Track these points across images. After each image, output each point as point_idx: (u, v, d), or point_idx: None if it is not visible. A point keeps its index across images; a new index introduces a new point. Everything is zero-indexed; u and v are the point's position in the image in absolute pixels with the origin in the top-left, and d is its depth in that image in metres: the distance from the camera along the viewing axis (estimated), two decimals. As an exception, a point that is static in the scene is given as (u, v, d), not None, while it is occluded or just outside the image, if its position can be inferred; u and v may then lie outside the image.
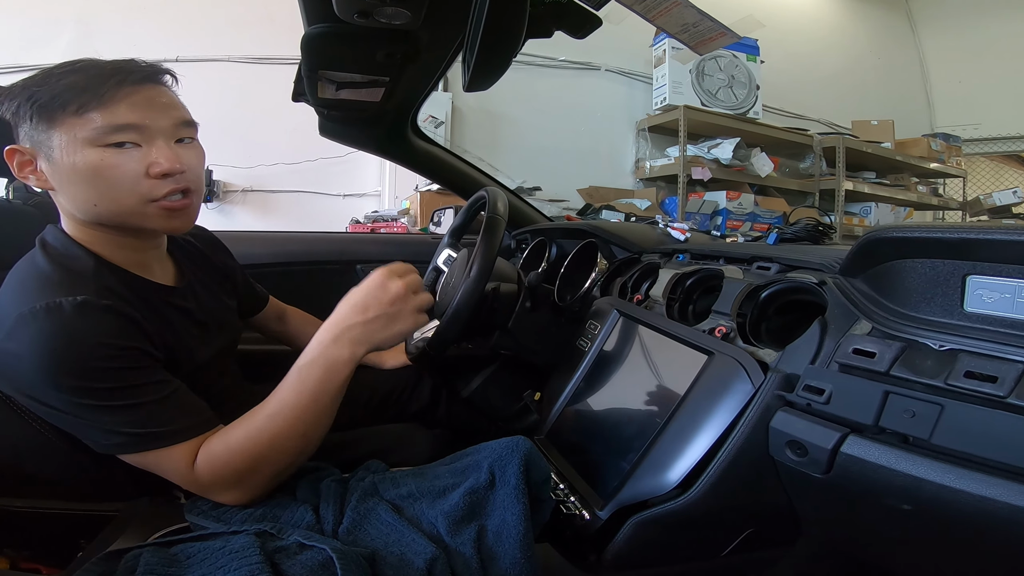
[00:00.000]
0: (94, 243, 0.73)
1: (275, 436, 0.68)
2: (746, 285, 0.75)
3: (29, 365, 0.61)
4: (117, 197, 0.69)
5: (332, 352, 0.72)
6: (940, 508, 0.49)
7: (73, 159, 0.66)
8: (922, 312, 0.56)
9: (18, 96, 0.67)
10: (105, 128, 0.66)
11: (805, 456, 0.56)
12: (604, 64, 3.54)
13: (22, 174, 0.69)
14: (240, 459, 0.67)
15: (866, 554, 0.69)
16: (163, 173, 0.69)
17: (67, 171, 0.67)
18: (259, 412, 0.70)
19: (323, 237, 1.77)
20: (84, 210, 0.70)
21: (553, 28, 0.85)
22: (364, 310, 0.74)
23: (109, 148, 0.67)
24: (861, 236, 0.61)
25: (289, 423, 0.69)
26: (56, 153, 0.67)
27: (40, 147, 0.67)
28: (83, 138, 0.66)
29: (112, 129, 0.66)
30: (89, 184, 0.68)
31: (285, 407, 0.69)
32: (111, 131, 0.67)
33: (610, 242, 1.18)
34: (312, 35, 0.86)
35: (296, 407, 0.69)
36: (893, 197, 4.13)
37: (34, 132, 0.67)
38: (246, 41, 2.87)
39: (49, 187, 0.70)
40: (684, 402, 0.70)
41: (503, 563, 0.63)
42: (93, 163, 0.66)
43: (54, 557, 0.78)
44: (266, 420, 0.69)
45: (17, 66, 2.47)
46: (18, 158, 0.69)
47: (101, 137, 0.66)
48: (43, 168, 0.69)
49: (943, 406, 0.49)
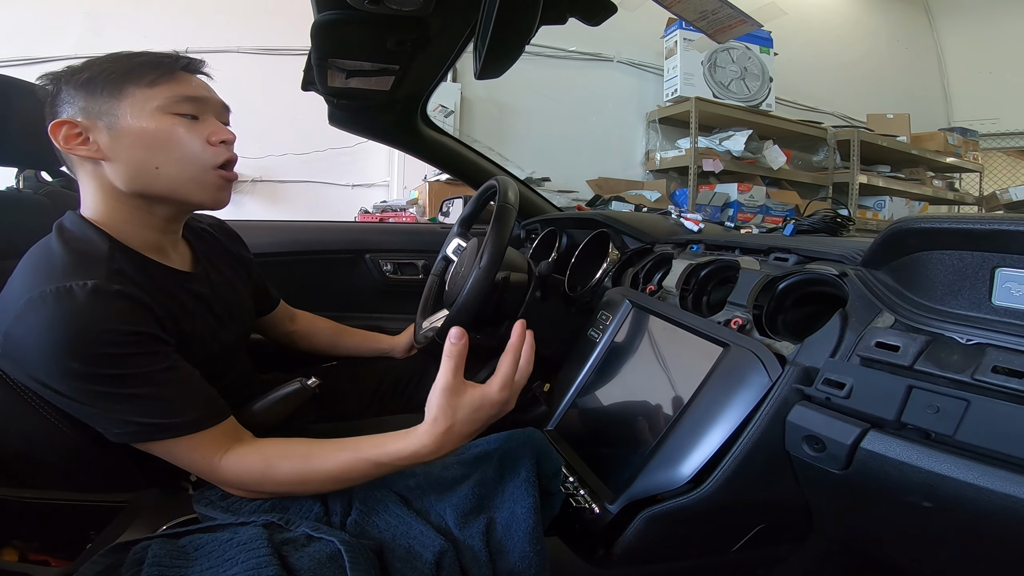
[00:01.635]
0: (116, 222, 0.73)
1: (319, 489, 0.68)
2: (763, 276, 0.74)
3: (38, 350, 0.61)
4: (182, 161, 0.73)
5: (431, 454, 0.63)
6: (962, 506, 0.48)
7: (143, 125, 0.70)
8: (948, 305, 0.54)
9: (86, 70, 0.70)
10: (176, 97, 0.72)
11: (823, 451, 0.55)
12: (615, 55, 3.51)
13: (68, 146, 0.70)
14: (272, 485, 0.67)
15: (879, 551, 0.68)
16: (222, 140, 0.75)
17: (134, 136, 0.70)
18: (314, 463, 0.66)
19: (332, 226, 1.77)
20: (140, 175, 0.72)
21: (567, 14, 0.83)
22: (480, 424, 0.64)
23: (176, 117, 0.72)
24: (886, 227, 0.59)
25: (338, 487, 0.68)
26: (122, 121, 0.70)
27: (102, 117, 0.70)
28: (155, 106, 0.71)
29: (181, 99, 0.73)
30: (156, 148, 0.71)
31: (344, 479, 0.66)
32: (181, 100, 0.73)
33: (622, 232, 1.17)
34: (322, 22, 0.85)
35: (354, 481, 0.67)
36: (908, 191, 4.07)
37: (98, 103, 0.70)
38: (255, 32, 2.86)
39: (100, 157, 0.71)
40: (698, 395, 0.69)
41: (512, 556, 0.62)
42: (164, 128, 0.71)
43: (63, 549, 0.78)
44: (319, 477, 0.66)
45: (28, 58, 2.48)
46: (66, 130, 0.70)
47: (171, 105, 0.72)
48: (97, 139, 0.70)
49: (969, 402, 0.47)
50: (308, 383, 0.84)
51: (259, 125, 2.83)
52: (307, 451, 0.67)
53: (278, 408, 0.83)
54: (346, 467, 0.66)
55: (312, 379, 0.85)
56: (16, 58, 2.49)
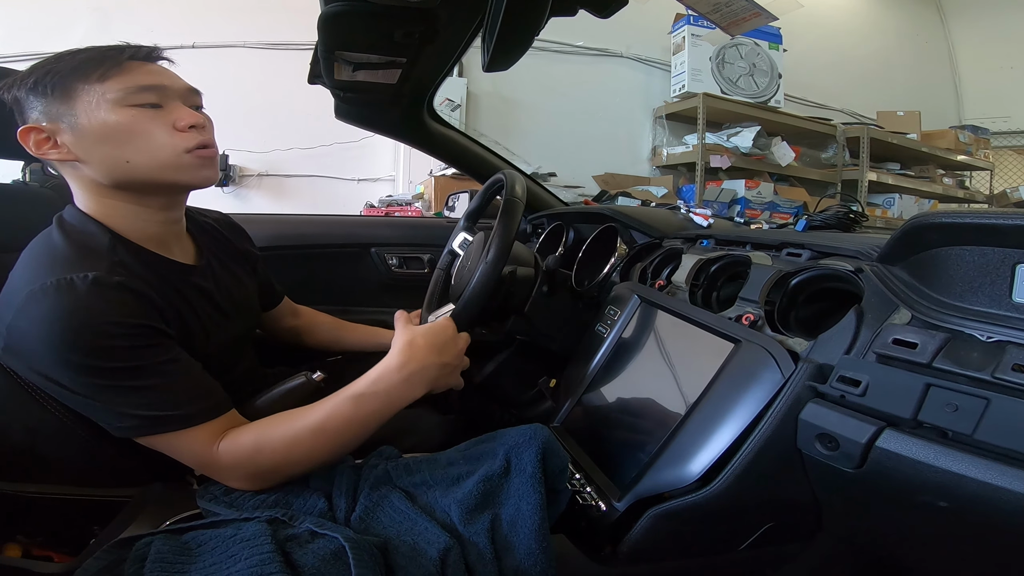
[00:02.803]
0: (113, 217, 0.72)
1: (312, 449, 0.68)
2: (775, 271, 0.73)
3: (39, 343, 0.61)
4: (151, 150, 0.70)
5: (400, 390, 0.72)
6: (980, 506, 0.47)
7: (103, 119, 0.68)
8: (967, 302, 0.53)
9: (33, 74, 0.68)
10: (130, 88, 0.69)
11: (836, 450, 0.54)
12: (622, 51, 3.49)
13: (40, 151, 0.69)
14: (267, 459, 0.67)
15: (889, 550, 0.67)
16: (189, 125, 0.72)
17: (97, 133, 0.68)
18: (300, 421, 0.69)
19: (338, 220, 1.77)
20: (115, 170, 0.70)
21: (577, 6, 0.82)
22: (440, 353, 0.76)
23: (136, 108, 0.70)
24: (905, 221, 0.58)
25: (330, 442, 0.69)
26: (82, 119, 0.68)
27: (61, 119, 0.68)
28: (110, 99, 0.68)
29: (136, 89, 0.69)
30: (122, 142, 0.69)
31: (330, 427, 0.69)
32: (136, 91, 0.69)
33: (630, 227, 1.15)
34: (329, 14, 0.84)
35: (341, 431, 0.69)
36: (918, 189, 4.04)
37: (53, 106, 0.68)
38: (262, 27, 2.87)
39: (72, 158, 0.70)
40: (708, 391, 0.68)
41: (518, 553, 0.61)
42: (124, 121, 0.69)
43: (67, 544, 0.78)
44: (307, 433, 0.68)
45: (35, 54, 2.47)
46: (34, 136, 0.69)
47: (128, 97, 0.69)
48: (65, 141, 0.69)
49: (989, 400, 0.46)
50: (313, 377, 0.83)
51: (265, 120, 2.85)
52: (291, 413, 0.70)
53: (282, 402, 0.82)
54: (328, 413, 0.68)
55: (317, 373, 0.84)
56: (24, 53, 2.50)
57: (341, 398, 0.70)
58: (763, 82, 3.41)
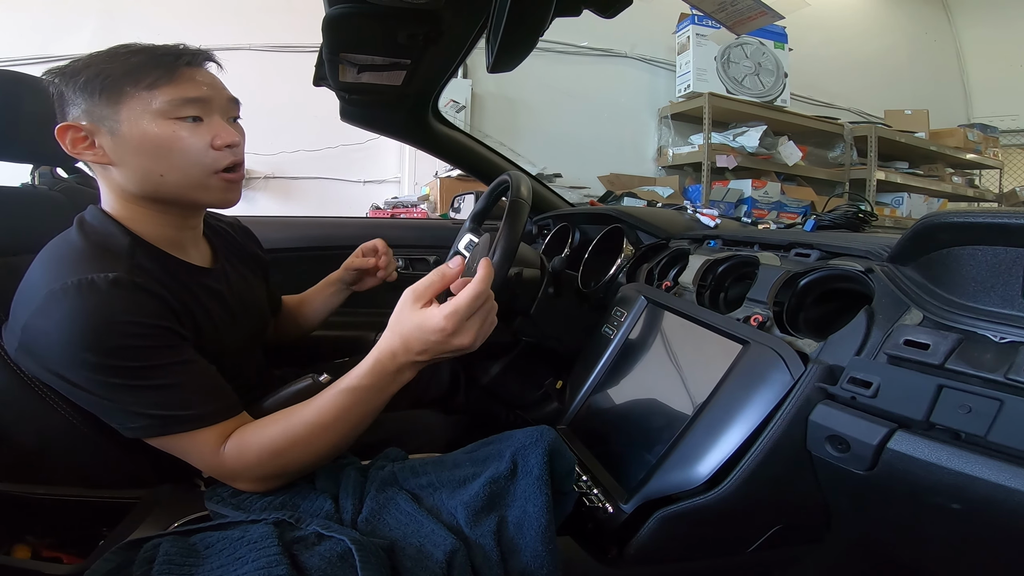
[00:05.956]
0: (135, 221, 0.73)
1: (312, 444, 0.68)
2: (784, 272, 0.72)
3: (57, 341, 0.61)
4: (185, 167, 0.71)
5: (396, 379, 0.69)
6: (992, 508, 0.46)
7: (144, 130, 0.68)
8: (980, 302, 0.52)
9: (83, 72, 0.68)
10: (176, 101, 0.69)
11: (847, 452, 0.54)
12: (626, 51, 3.48)
13: (75, 150, 0.70)
14: (271, 457, 0.67)
15: (899, 552, 0.66)
16: (226, 144, 0.73)
17: (136, 143, 0.68)
18: (299, 416, 0.68)
19: (344, 222, 1.77)
20: (147, 182, 0.71)
21: (581, 6, 0.82)
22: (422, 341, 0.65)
23: (178, 121, 0.70)
24: (916, 221, 0.58)
25: (330, 435, 0.68)
26: (124, 127, 0.68)
27: (103, 122, 0.68)
28: (155, 111, 0.68)
29: (183, 102, 0.69)
30: (159, 155, 0.70)
31: (328, 421, 0.68)
32: (181, 104, 0.69)
33: (636, 227, 1.15)
34: (334, 16, 0.85)
35: (340, 424, 0.68)
36: (927, 188, 4.02)
37: (97, 107, 0.68)
38: (268, 29, 2.89)
39: (107, 162, 0.70)
40: (716, 393, 0.67)
41: (524, 556, 0.61)
42: (165, 135, 0.69)
43: (75, 545, 0.78)
44: (305, 428, 0.67)
45: (43, 56, 2.51)
46: (72, 135, 0.69)
47: (172, 110, 0.69)
48: (103, 144, 0.69)
49: (1003, 402, 0.46)
50: (320, 379, 0.83)
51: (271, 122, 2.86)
52: (290, 409, 0.69)
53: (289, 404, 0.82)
54: (324, 407, 0.68)
55: (324, 375, 0.84)
56: (32, 56, 2.53)
57: (336, 392, 0.68)
58: (769, 81, 3.40)
